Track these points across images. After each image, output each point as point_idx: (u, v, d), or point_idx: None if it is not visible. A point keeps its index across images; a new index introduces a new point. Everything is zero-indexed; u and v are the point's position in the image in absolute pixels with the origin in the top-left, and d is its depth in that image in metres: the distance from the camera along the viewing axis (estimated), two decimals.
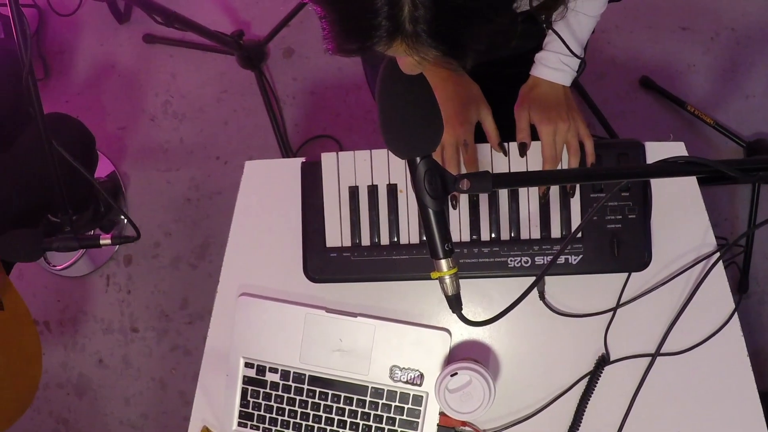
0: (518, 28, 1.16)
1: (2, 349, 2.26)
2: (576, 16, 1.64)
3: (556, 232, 1.69)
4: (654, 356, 1.68)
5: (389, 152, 1.70)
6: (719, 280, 1.69)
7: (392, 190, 1.74)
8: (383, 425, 1.74)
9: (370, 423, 1.75)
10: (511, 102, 1.73)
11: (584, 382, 1.72)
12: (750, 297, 3.01)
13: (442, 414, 1.72)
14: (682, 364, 1.69)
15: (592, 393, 1.70)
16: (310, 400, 1.78)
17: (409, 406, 1.74)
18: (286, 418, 1.80)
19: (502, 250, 1.69)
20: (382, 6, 0.95)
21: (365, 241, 1.75)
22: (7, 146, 2.54)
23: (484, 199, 1.71)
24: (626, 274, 1.71)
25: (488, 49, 1.09)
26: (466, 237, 1.71)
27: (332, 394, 1.77)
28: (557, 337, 1.74)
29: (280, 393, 1.80)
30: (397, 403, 1.74)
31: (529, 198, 1.70)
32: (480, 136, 1.71)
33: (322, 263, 1.77)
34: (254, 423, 1.82)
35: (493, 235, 1.71)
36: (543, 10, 1.48)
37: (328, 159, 1.77)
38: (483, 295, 1.76)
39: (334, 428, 1.78)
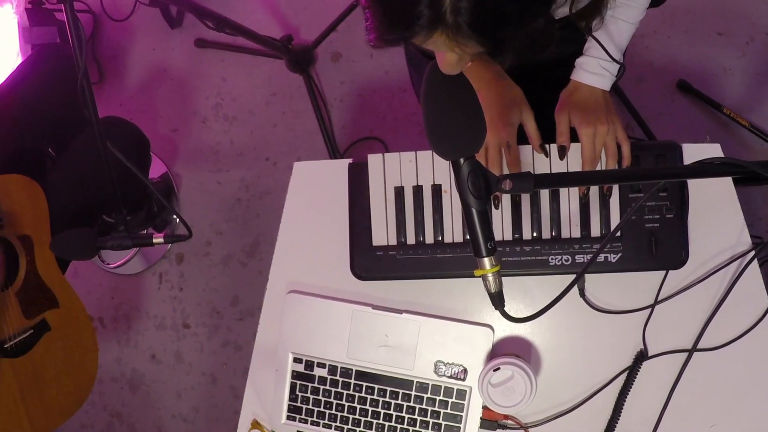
0: (556, 31, 1.18)
1: (60, 344, 2.31)
2: (615, 22, 1.66)
3: (595, 231, 1.70)
4: (691, 352, 1.69)
5: (434, 154, 1.73)
6: (754, 277, 1.69)
7: (437, 190, 1.76)
8: (428, 419, 1.76)
9: (415, 416, 1.77)
10: (552, 105, 1.74)
11: (623, 377, 1.73)
12: None
13: (485, 408, 1.74)
14: (718, 359, 1.69)
15: (631, 387, 1.71)
16: (356, 395, 1.80)
17: (453, 400, 1.75)
18: (333, 411, 1.82)
19: (543, 248, 1.70)
20: None
21: (410, 239, 1.77)
22: (65, 149, 2.59)
23: (525, 199, 1.72)
24: (664, 272, 1.71)
25: (527, 49, 1.12)
26: (508, 236, 1.73)
27: (378, 389, 1.79)
28: (597, 333, 1.75)
29: (327, 387, 1.82)
30: (441, 397, 1.76)
31: (569, 198, 1.71)
32: (522, 138, 1.73)
33: (369, 261, 1.80)
34: (302, 417, 1.85)
35: (534, 234, 1.72)
36: (582, 18, 1.51)
37: (374, 160, 1.79)
38: (525, 293, 1.78)
39: (380, 422, 1.79)
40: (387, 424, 1.79)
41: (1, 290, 2.16)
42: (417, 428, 1.78)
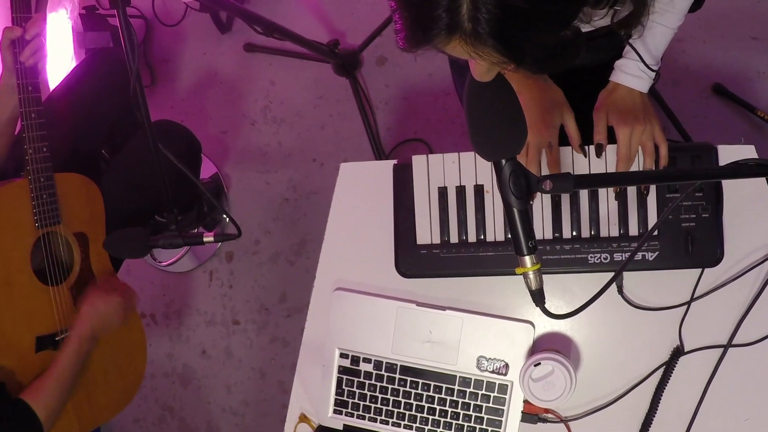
0: (584, 43, 1.19)
1: (109, 340, 2.36)
2: (653, 27, 1.66)
3: (633, 230, 1.73)
4: (726, 347, 1.71)
5: (476, 155, 1.73)
6: None
7: (479, 190, 1.79)
8: (470, 412, 1.80)
9: (458, 410, 1.81)
10: (591, 107, 1.77)
11: (660, 372, 1.75)
12: None
13: (526, 402, 1.77)
14: (753, 354, 1.71)
15: (668, 382, 1.73)
16: (401, 389, 1.84)
17: (495, 394, 1.79)
18: (378, 405, 1.86)
19: (582, 247, 1.73)
20: None
21: (453, 238, 1.80)
22: (118, 151, 2.65)
23: (565, 199, 1.75)
24: (700, 270, 1.73)
25: (551, 60, 1.15)
26: (548, 235, 1.76)
27: (422, 383, 1.83)
28: (634, 330, 1.77)
29: (373, 382, 1.86)
30: (483, 392, 1.79)
31: (608, 198, 1.73)
32: (562, 139, 1.75)
33: (413, 259, 1.83)
34: (349, 410, 1.88)
35: (574, 233, 1.75)
36: (623, 26, 1.53)
37: (418, 161, 1.82)
38: (564, 290, 1.81)
39: (424, 415, 1.83)
40: (431, 417, 1.83)
41: (56, 285, 2.22)
42: (460, 422, 1.81)
